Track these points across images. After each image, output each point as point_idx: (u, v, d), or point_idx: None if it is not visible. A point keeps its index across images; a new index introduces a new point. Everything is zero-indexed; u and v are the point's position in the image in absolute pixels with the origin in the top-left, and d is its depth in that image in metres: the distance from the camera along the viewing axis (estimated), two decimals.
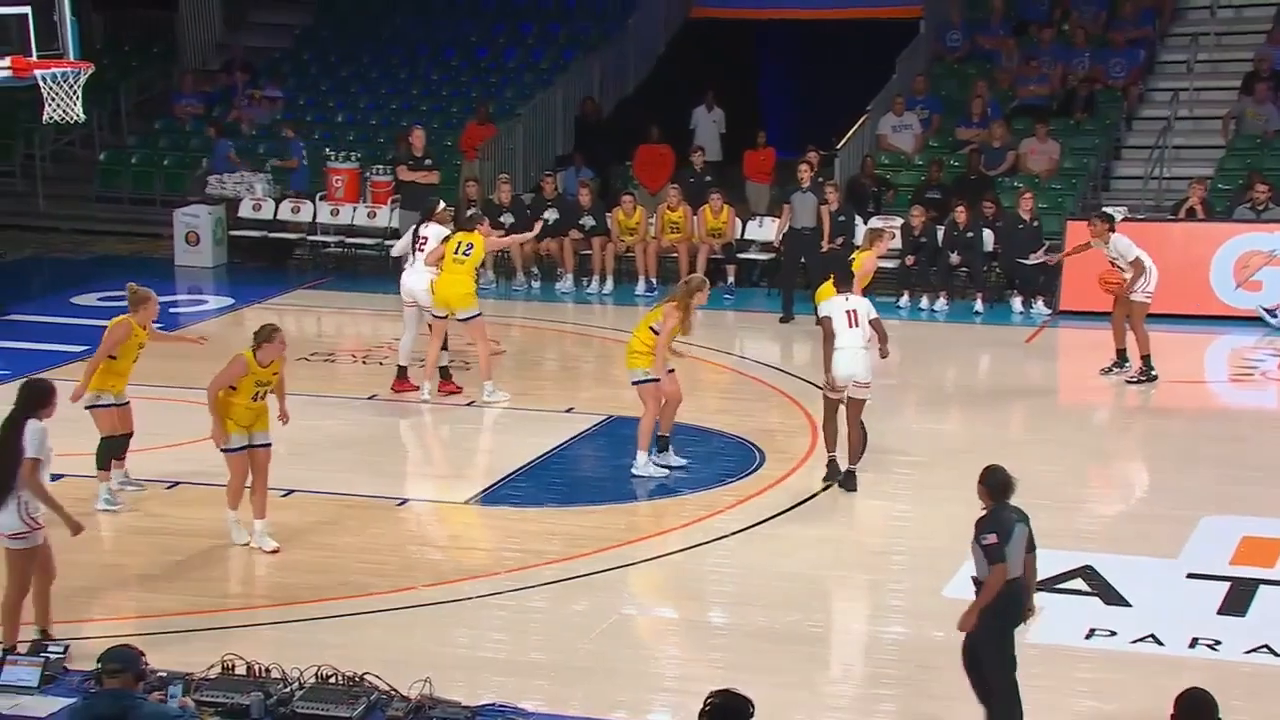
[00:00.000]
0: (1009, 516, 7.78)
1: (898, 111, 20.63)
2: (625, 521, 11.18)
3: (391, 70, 23.37)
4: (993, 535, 7.67)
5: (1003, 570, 7.64)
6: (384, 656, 8.48)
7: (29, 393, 8.67)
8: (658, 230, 18.84)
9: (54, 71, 13.11)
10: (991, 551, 7.67)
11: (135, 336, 11.16)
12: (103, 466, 11.22)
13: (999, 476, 7.92)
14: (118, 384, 11.20)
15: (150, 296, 11.28)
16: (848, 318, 11.75)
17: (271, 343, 10.43)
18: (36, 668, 7.21)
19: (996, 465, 8.02)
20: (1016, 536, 7.73)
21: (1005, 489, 7.88)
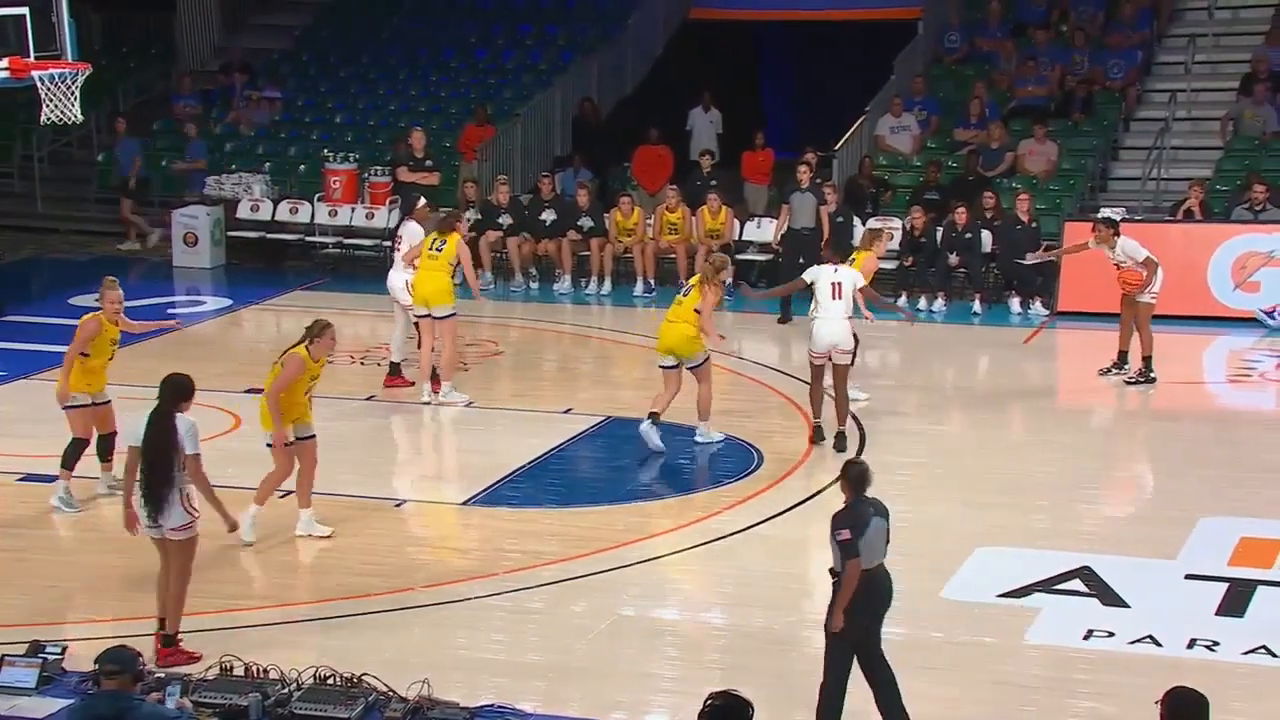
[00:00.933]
0: (865, 510, 7.85)
1: (896, 113, 20.64)
2: (624, 522, 11.17)
3: (390, 71, 23.37)
4: (846, 531, 7.74)
5: (857, 565, 7.71)
6: (382, 657, 8.47)
7: (173, 388, 8.78)
8: (656, 231, 18.84)
9: (52, 72, 13.11)
10: (846, 547, 7.74)
11: (106, 333, 11.07)
12: (66, 465, 11.12)
13: (858, 469, 8.02)
14: (94, 383, 11.10)
15: (112, 284, 11.19)
16: (832, 289, 12.57)
17: (323, 338, 10.52)
18: (34, 669, 7.21)
19: (857, 459, 8.17)
20: (873, 530, 7.80)
21: (863, 482, 7.97)
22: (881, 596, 7.97)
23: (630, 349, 16.45)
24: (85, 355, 11.03)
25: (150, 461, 8.57)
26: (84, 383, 11.06)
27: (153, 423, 8.63)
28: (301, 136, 22.26)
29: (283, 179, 21.07)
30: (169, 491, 8.52)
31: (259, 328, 17.60)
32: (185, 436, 8.58)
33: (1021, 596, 9.93)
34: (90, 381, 11.09)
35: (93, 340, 11.03)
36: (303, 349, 10.45)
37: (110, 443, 11.34)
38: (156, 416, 8.65)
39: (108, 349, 11.14)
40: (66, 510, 11.09)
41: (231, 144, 22.18)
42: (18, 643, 7.60)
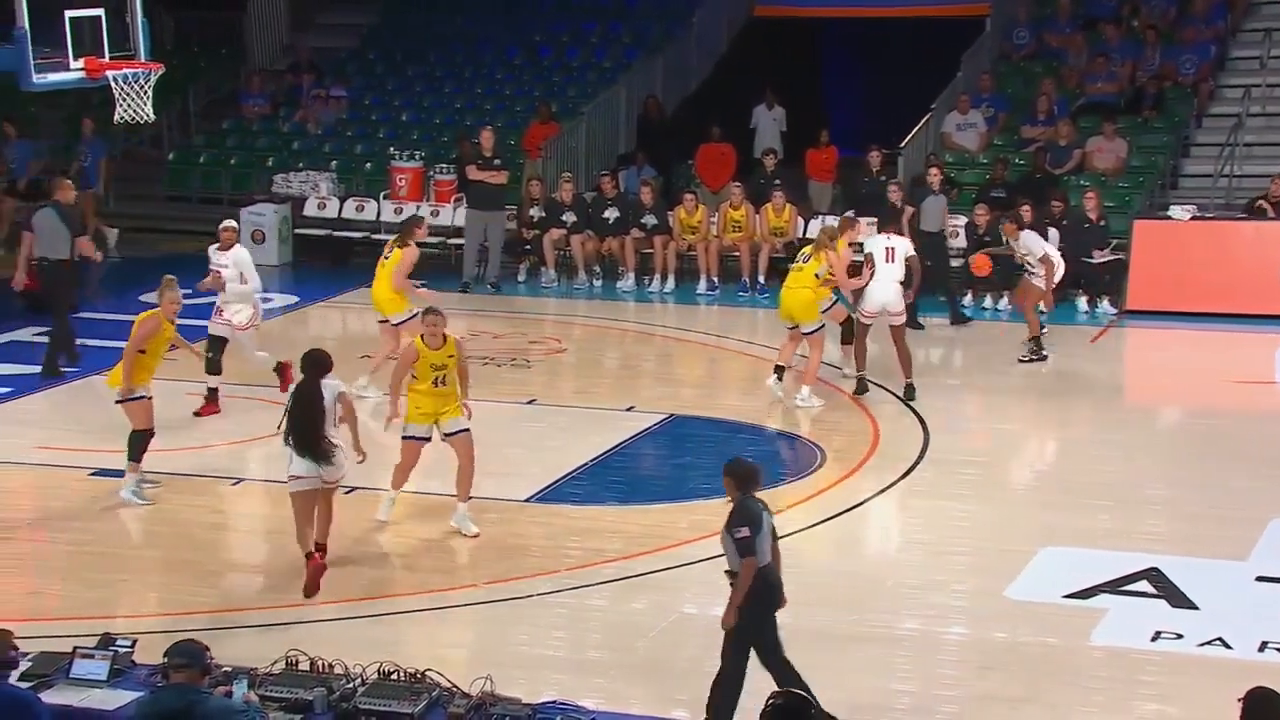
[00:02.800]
0: (757, 508, 7.86)
1: (962, 110, 20.49)
2: (686, 520, 11.17)
3: (456, 69, 23.49)
4: (745, 529, 7.75)
5: (753, 563, 7.74)
6: (445, 653, 8.53)
7: (314, 361, 9.82)
8: (719, 229, 18.82)
9: (125, 72, 13.30)
10: (744, 545, 7.75)
11: (165, 331, 11.27)
12: (133, 458, 11.29)
13: (745, 467, 8.03)
14: (148, 378, 11.32)
15: (171, 284, 11.45)
16: (886, 254, 13.81)
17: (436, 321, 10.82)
18: (105, 662, 7.30)
19: (741, 456, 8.20)
20: (766, 527, 7.82)
21: (751, 479, 7.98)
22: (776, 592, 8.05)
23: (693, 347, 16.44)
24: (142, 352, 11.19)
25: (304, 425, 9.65)
26: (140, 378, 11.24)
27: (301, 391, 9.74)
28: (368, 135, 22.43)
29: (349, 177, 21.23)
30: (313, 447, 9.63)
31: (325, 324, 17.76)
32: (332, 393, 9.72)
33: (1087, 597, 9.84)
34: (147, 378, 11.29)
35: (151, 338, 11.19)
36: (416, 336, 10.87)
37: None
38: (305, 386, 9.75)
39: (164, 347, 11.35)
40: (137, 502, 11.24)
41: (299, 142, 22.38)
42: (89, 635, 7.72)
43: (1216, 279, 17.07)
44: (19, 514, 11.47)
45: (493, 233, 18.66)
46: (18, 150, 21.04)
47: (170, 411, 12.85)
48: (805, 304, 13.60)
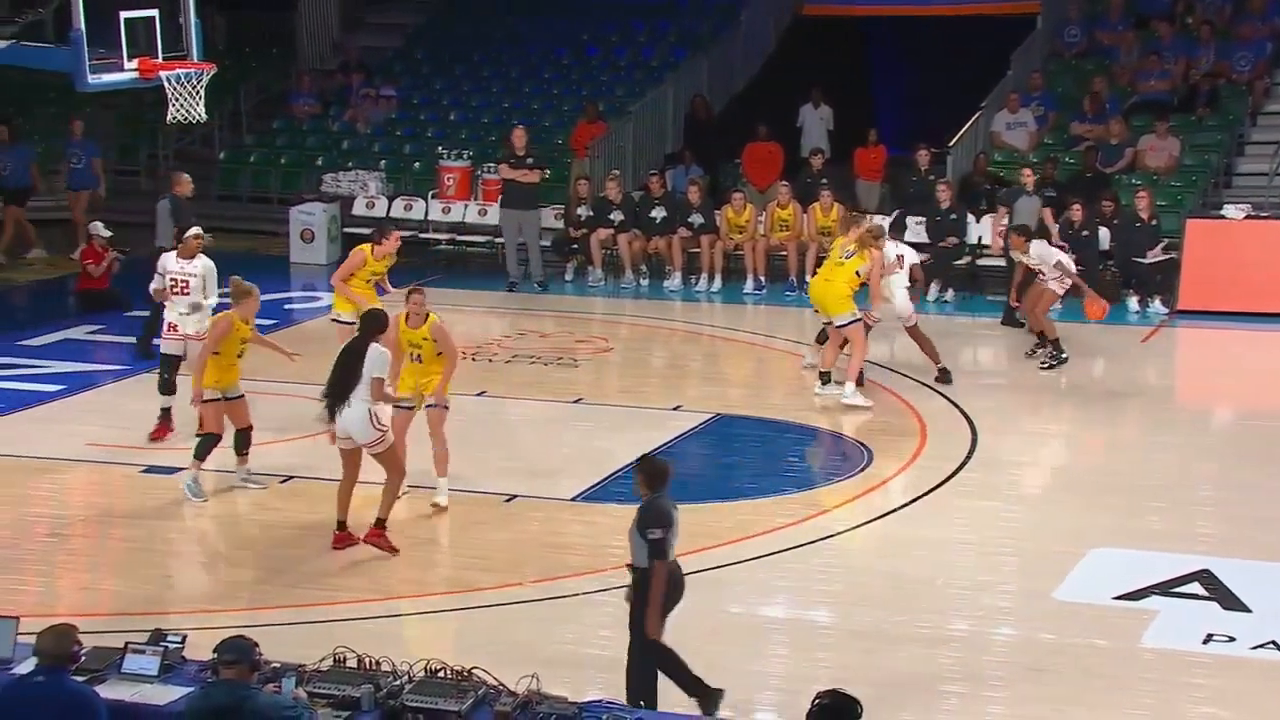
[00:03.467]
0: (669, 508, 7.88)
1: (1012, 108, 20.36)
2: (732, 519, 11.16)
3: (503, 69, 23.55)
4: (658, 530, 7.78)
5: (664, 566, 7.78)
6: (491, 651, 8.54)
7: (371, 320, 10.26)
8: (767, 228, 18.79)
9: (178, 72, 13.42)
10: (657, 547, 7.78)
11: (237, 331, 11.30)
12: (198, 457, 11.33)
13: (656, 466, 8.05)
14: (224, 378, 11.32)
15: (252, 291, 11.44)
16: (897, 260, 14.13)
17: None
18: (156, 657, 7.36)
19: (653, 455, 8.25)
20: (677, 527, 7.87)
21: (662, 478, 7.98)
22: (679, 589, 8.10)
23: (740, 346, 16.41)
24: (216, 353, 11.23)
25: (337, 376, 10.09)
26: (214, 378, 11.26)
27: (348, 347, 10.19)
28: (416, 134, 22.53)
29: (397, 176, 21.33)
30: (340, 399, 10.04)
31: None
32: (374, 362, 10.05)
33: (1138, 599, 9.77)
34: (220, 377, 11.28)
35: (224, 339, 11.23)
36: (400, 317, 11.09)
37: (247, 437, 11.60)
38: (354, 343, 10.17)
39: (238, 346, 11.37)
40: (193, 499, 11.32)
41: (348, 142, 22.51)
42: (140, 631, 7.79)
43: (1270, 278, 16.90)
44: (72, 510, 11.59)
45: (528, 231, 18.69)
46: (15, 155, 20.27)
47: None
48: (839, 297, 13.63)
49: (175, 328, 12.54)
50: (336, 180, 20.86)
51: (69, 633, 6.95)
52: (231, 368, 11.39)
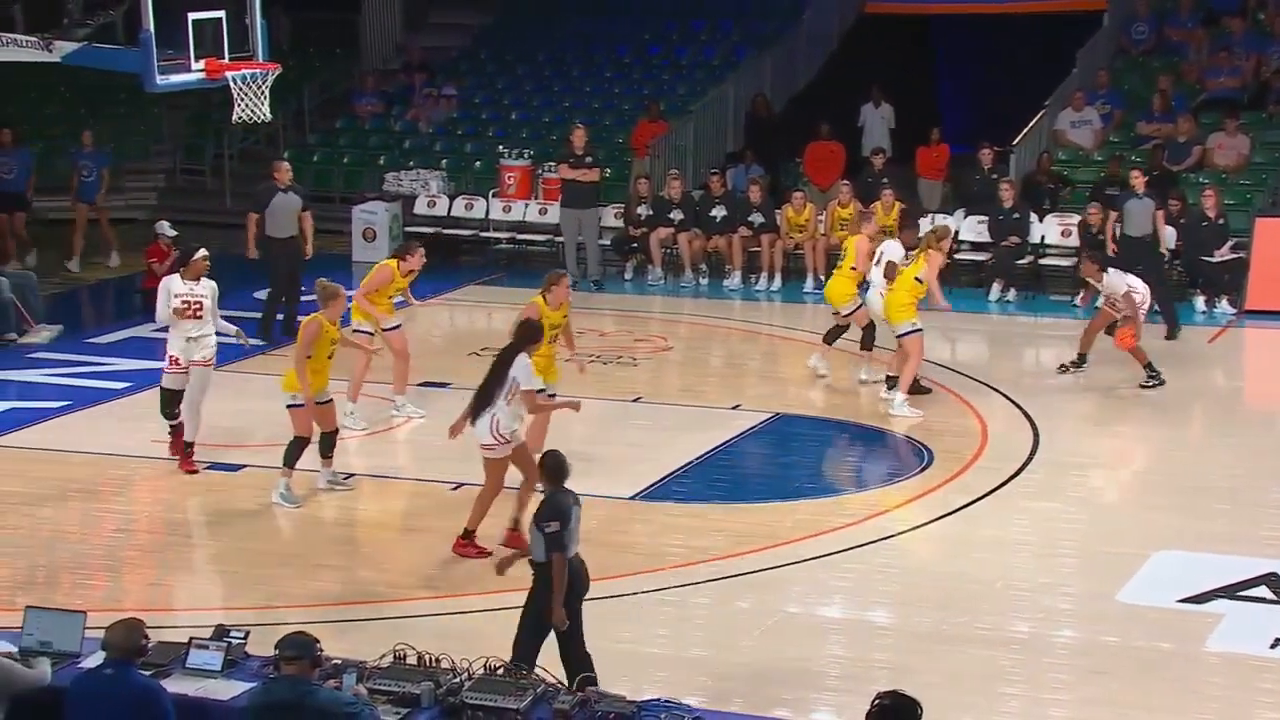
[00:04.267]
0: (567, 502, 8.00)
1: (1077, 107, 20.17)
2: (791, 519, 11.14)
3: (565, 68, 23.61)
4: (555, 523, 7.90)
5: (563, 559, 7.92)
6: (550, 650, 8.56)
7: (525, 330, 10.24)
8: (827, 227, 18.72)
9: (244, 73, 13.56)
10: (553, 540, 7.91)
11: (327, 334, 11.24)
12: (287, 463, 11.30)
13: (555, 459, 8.17)
14: (314, 382, 11.22)
15: (339, 292, 11.37)
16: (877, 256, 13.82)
17: (559, 285, 11.42)
18: (220, 652, 7.44)
19: (554, 449, 8.36)
20: (574, 520, 7.98)
21: (561, 472, 8.10)
22: (582, 582, 8.14)
23: (799, 345, 16.35)
24: (309, 357, 11.13)
25: (485, 385, 10.00)
26: (306, 383, 11.12)
27: (499, 359, 10.07)
28: (478, 134, 22.63)
29: (459, 175, 21.44)
30: (482, 410, 9.97)
31: (433, 322, 17.93)
32: (523, 372, 10.01)
33: (1203, 602, 9.66)
34: (310, 381, 11.17)
35: (315, 341, 11.14)
36: (539, 297, 11.41)
37: (332, 440, 11.61)
38: (504, 353, 10.09)
39: (329, 348, 11.29)
40: (287, 506, 11.28)
41: (410, 141, 22.65)
42: (204, 626, 7.88)
43: None
44: (137, 507, 11.74)
45: (587, 230, 18.73)
46: (18, 158, 19.73)
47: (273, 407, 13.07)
48: (897, 305, 13.44)
49: (178, 360, 11.98)
50: (399, 179, 20.99)
51: (137, 627, 7.05)
52: (321, 371, 11.29)
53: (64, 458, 12.55)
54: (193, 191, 23.28)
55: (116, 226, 20.58)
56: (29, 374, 15.00)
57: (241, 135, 22.59)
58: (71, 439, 12.97)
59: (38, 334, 16.03)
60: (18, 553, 10.73)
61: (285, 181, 16.20)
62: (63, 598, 9.50)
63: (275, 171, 16.35)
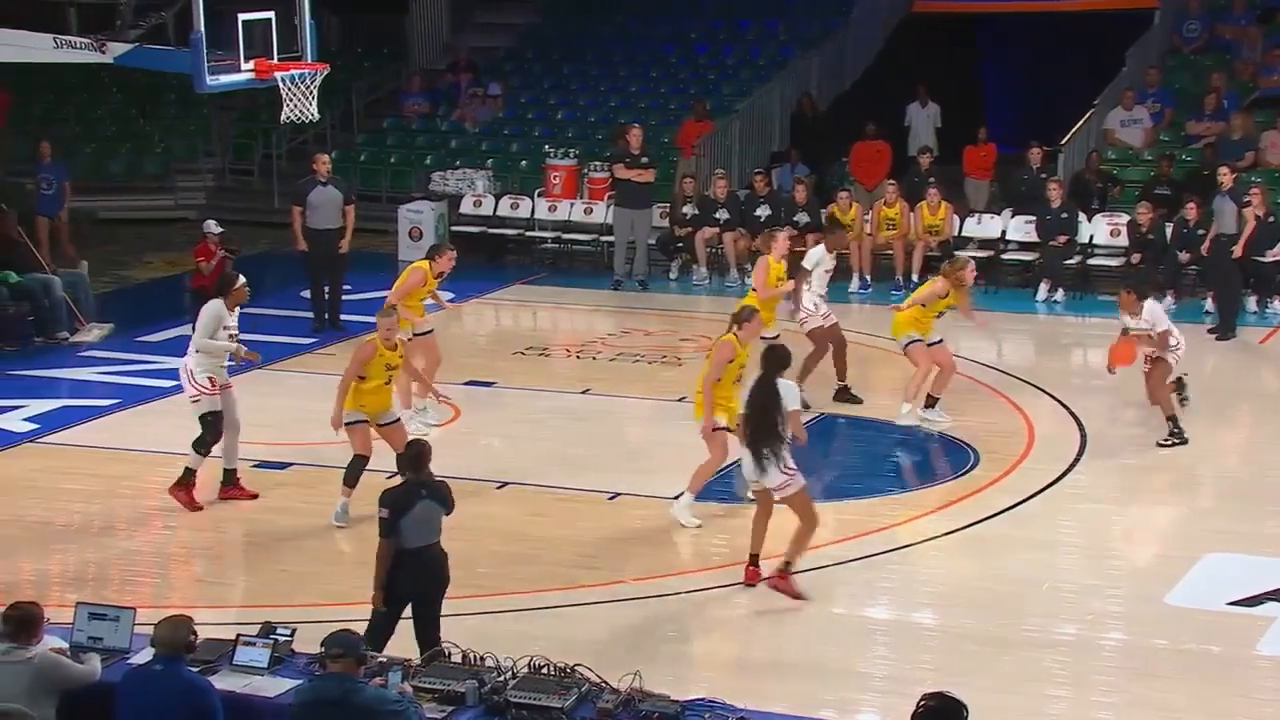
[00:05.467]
0: (414, 491, 8.21)
1: (1127, 105, 20.02)
2: (835, 520, 11.10)
3: (611, 68, 23.63)
4: (386, 510, 8.18)
5: (387, 545, 8.19)
6: (593, 648, 8.58)
7: (776, 356, 9.88)
8: (873, 227, 18.66)
9: (293, 73, 13.64)
10: (381, 525, 8.20)
11: (381, 357, 11.01)
12: (347, 483, 11.08)
13: (413, 449, 8.41)
14: (369, 404, 10.96)
15: (391, 313, 11.31)
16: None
17: (751, 322, 10.99)
18: (267, 650, 7.50)
19: (418, 439, 8.47)
20: (420, 510, 8.17)
21: (418, 462, 8.30)
22: (431, 576, 8.30)
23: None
24: (362, 379, 10.95)
25: (758, 420, 9.56)
26: (358, 403, 10.99)
27: (761, 385, 9.64)
28: (524, 133, 22.69)
29: (505, 175, 21.50)
30: (772, 447, 9.52)
31: (479, 321, 18.00)
32: (787, 395, 9.63)
33: (1253, 605, 9.57)
34: (365, 403, 10.98)
35: (368, 364, 10.97)
36: (731, 335, 10.87)
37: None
38: (764, 383, 9.66)
39: (383, 373, 11.06)
40: (334, 523, 11.03)
41: (456, 141, 22.73)
42: (251, 623, 7.94)
43: None
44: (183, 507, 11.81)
45: (639, 230, 18.75)
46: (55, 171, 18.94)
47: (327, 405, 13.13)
48: (896, 320, 13.25)
49: (214, 381, 11.40)
50: (445, 179, 21.07)
51: (185, 623, 7.12)
52: (377, 392, 11.05)
53: (114, 455, 12.67)
54: (241, 191, 23.45)
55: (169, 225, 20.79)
56: (80, 372, 15.15)
57: (289, 135, 22.74)
58: (121, 436, 13.09)
59: (89, 332, 16.18)
60: (68, 549, 10.84)
61: (325, 174, 16.37)
62: (112, 594, 9.59)
63: (315, 164, 16.53)
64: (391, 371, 11.18)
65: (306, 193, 16.38)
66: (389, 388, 11.23)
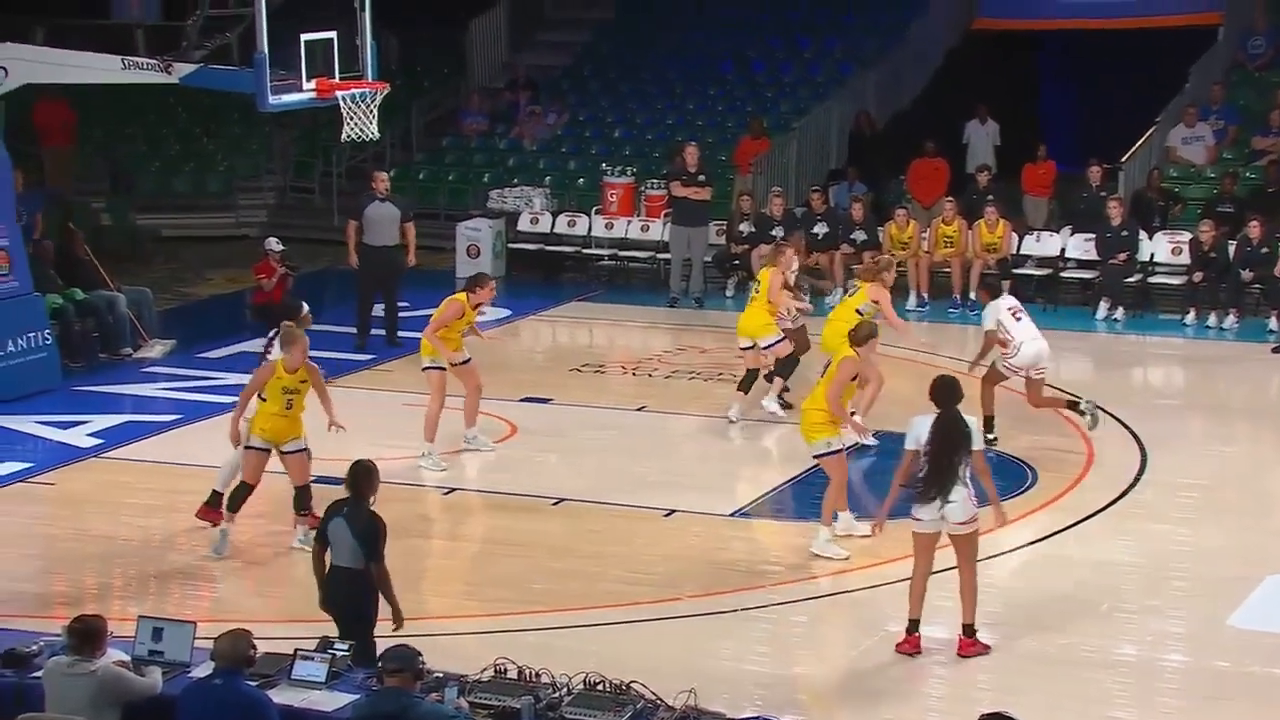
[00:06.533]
0: (335, 511, 8.37)
1: (1189, 123, 19.84)
2: (891, 538, 11.00)
3: (668, 86, 23.67)
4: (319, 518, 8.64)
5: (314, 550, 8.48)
6: (648, 665, 8.56)
7: (953, 391, 9.26)
8: (931, 244, 18.58)
9: (353, 92, 13.78)
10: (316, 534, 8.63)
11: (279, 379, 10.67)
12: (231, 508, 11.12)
13: (352, 469, 8.50)
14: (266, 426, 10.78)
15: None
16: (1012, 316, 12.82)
17: (875, 339, 11.17)
18: (324, 664, 7.55)
19: (363, 459, 8.56)
20: (334, 529, 8.30)
21: (351, 481, 8.43)
22: (338, 596, 8.35)
23: (900, 363, 16.19)
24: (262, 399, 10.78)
25: (945, 458, 9.00)
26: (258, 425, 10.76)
27: (946, 422, 9.08)
28: (581, 151, 22.77)
29: (562, 192, 21.59)
30: (953, 486, 9.00)
31: (536, 338, 18.08)
32: (974, 434, 9.11)
33: None
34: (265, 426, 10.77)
35: (266, 384, 10.73)
36: (852, 351, 10.93)
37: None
38: (945, 418, 9.09)
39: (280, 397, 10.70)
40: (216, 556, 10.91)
41: (514, 158, 22.84)
42: (308, 638, 8.00)
43: None
44: (244, 517, 11.88)
45: (695, 248, 18.76)
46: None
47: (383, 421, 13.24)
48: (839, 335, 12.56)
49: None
50: (502, 196, 21.17)
51: (245, 637, 7.18)
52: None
53: (175, 469, 12.81)
54: (301, 209, 23.66)
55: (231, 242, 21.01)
56: (143, 388, 15.33)
57: (349, 153, 22.93)
58: (182, 451, 13.23)
59: (152, 349, 16.38)
60: (130, 563, 10.96)
61: (383, 191, 16.49)
62: (173, 608, 9.69)
63: (373, 181, 16.66)
64: (291, 396, 10.67)
65: (363, 208, 16.52)
66: (292, 414, 10.75)
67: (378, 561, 8.25)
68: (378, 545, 8.28)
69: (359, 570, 8.27)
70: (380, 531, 8.30)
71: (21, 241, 14.91)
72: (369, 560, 8.26)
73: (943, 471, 8.99)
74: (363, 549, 8.25)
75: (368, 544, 8.26)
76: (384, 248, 16.43)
